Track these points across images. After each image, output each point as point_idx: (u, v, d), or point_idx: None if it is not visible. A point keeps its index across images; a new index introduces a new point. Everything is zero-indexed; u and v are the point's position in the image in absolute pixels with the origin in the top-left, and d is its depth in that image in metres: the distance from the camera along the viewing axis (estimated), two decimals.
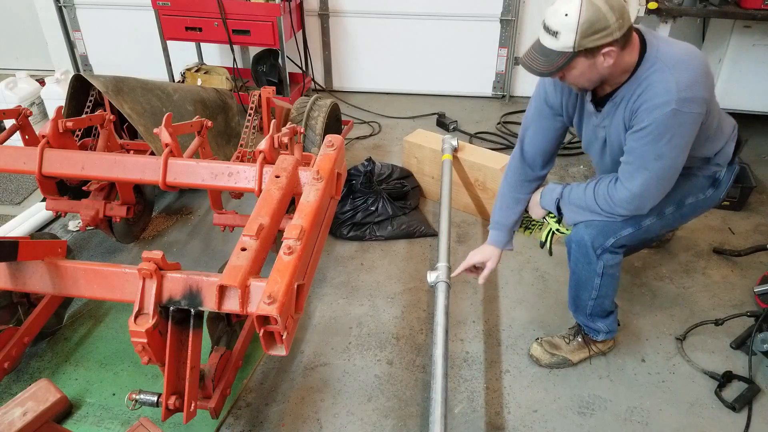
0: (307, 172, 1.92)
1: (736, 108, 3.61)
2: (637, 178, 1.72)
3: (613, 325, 2.11)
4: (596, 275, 1.92)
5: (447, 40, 4.40)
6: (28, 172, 2.11)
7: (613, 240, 1.87)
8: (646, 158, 1.69)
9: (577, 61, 1.61)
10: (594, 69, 1.64)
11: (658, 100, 1.61)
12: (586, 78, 1.68)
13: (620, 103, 1.77)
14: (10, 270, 1.70)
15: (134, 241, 2.86)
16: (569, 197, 1.92)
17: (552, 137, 2.03)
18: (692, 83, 1.60)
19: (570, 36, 1.55)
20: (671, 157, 1.68)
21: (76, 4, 4.54)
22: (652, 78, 1.64)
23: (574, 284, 2.01)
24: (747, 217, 3.04)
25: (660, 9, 3.08)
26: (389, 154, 3.73)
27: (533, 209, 2.09)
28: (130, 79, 2.72)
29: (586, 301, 2.01)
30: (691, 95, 1.59)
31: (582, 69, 1.64)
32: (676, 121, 1.61)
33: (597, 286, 1.94)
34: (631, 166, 1.74)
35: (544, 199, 2.00)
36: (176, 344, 1.60)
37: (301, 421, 1.96)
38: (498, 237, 2.11)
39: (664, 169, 1.70)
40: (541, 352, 2.14)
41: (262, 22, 3.73)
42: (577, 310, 2.09)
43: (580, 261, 1.92)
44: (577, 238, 1.90)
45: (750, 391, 2.02)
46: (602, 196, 1.81)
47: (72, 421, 1.95)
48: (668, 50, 1.67)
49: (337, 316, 2.41)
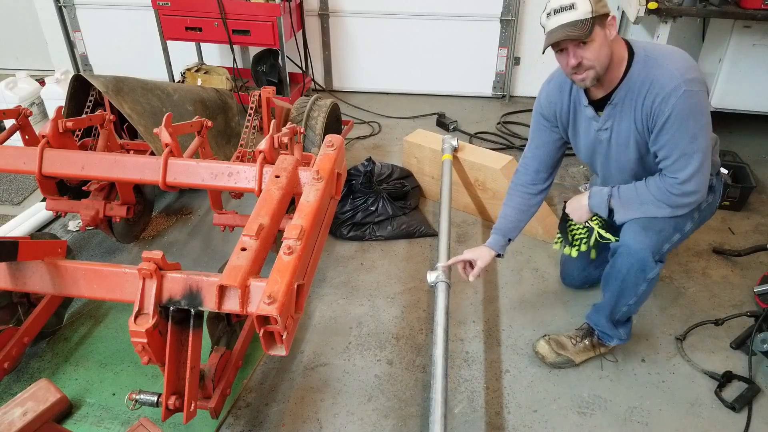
0: (307, 172, 1.92)
1: (736, 108, 3.62)
2: (682, 165, 1.75)
3: (630, 333, 2.12)
4: (644, 281, 1.90)
5: (447, 40, 4.40)
6: (28, 172, 2.11)
7: (668, 246, 1.88)
8: (682, 144, 1.73)
9: (596, 32, 1.68)
10: (606, 43, 1.71)
11: (669, 88, 1.69)
12: (605, 53, 1.72)
13: (624, 106, 1.80)
14: (10, 270, 1.70)
15: (134, 241, 2.86)
16: (620, 195, 1.91)
17: (552, 149, 2.11)
18: (688, 68, 1.71)
19: (586, 3, 1.65)
20: (703, 136, 1.73)
21: (76, 4, 4.54)
22: (652, 74, 1.72)
23: (618, 290, 1.96)
24: (747, 217, 3.04)
25: (660, 9, 3.08)
26: (389, 154, 3.73)
27: (576, 212, 2.08)
28: (130, 79, 2.72)
29: (622, 306, 1.99)
30: (693, 76, 1.69)
31: (600, 41, 1.70)
32: (692, 101, 1.68)
33: (641, 292, 1.93)
34: (670, 159, 1.76)
35: (593, 200, 1.98)
36: (176, 344, 1.60)
37: (301, 421, 1.96)
38: (494, 241, 2.17)
39: (701, 150, 1.74)
40: (548, 350, 2.13)
41: (262, 22, 3.73)
42: (606, 315, 2.04)
43: (633, 268, 1.88)
44: (634, 247, 1.85)
45: (750, 391, 2.02)
46: (655, 188, 1.82)
47: (72, 421, 1.95)
48: (655, 49, 1.78)
49: (337, 316, 2.41)
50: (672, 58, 1.73)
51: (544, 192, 2.18)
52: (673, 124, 1.71)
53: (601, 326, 2.09)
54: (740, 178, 3.14)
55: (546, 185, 2.17)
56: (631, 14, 3.25)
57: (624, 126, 1.84)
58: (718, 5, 3.15)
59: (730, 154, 3.38)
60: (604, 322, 2.07)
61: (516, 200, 2.17)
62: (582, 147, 2.03)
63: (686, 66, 1.71)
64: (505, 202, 2.20)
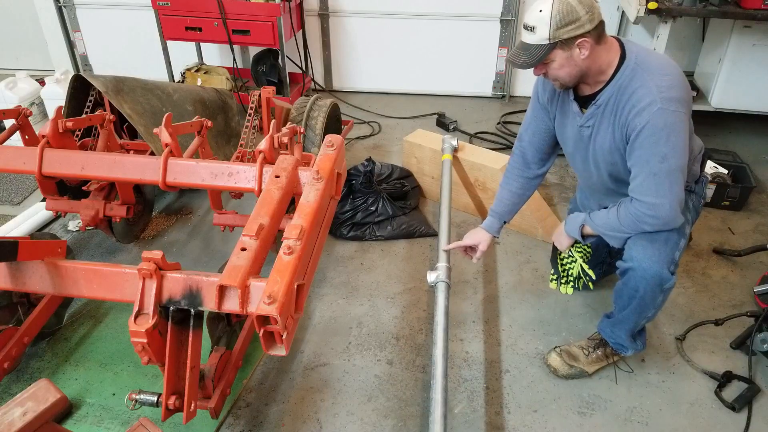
0: (307, 172, 1.91)
1: (736, 108, 3.62)
2: (649, 186, 1.72)
3: (645, 341, 2.10)
4: (661, 293, 1.86)
5: (447, 40, 4.40)
6: (28, 172, 2.11)
7: (679, 253, 1.85)
8: (652, 163, 1.70)
9: (555, 53, 1.70)
10: (572, 61, 1.72)
11: (644, 102, 1.68)
12: (566, 72, 1.75)
13: (605, 109, 1.80)
14: (10, 270, 1.70)
15: (134, 241, 2.86)
16: (594, 221, 1.91)
17: (548, 136, 2.10)
18: (671, 86, 1.69)
19: (545, 29, 1.66)
20: (674, 156, 1.69)
21: (76, 4, 4.54)
22: (634, 85, 1.72)
23: (638, 309, 1.90)
24: (747, 217, 3.04)
25: (660, 9, 3.08)
26: (389, 154, 3.73)
27: (558, 239, 2.09)
28: (130, 79, 2.72)
29: (641, 321, 1.96)
30: (672, 95, 1.67)
31: (561, 61, 1.72)
32: (666, 119, 1.66)
33: (659, 303, 1.90)
34: (639, 177, 1.74)
35: (568, 225, 2.00)
36: (176, 344, 1.60)
37: (301, 421, 1.96)
38: (491, 223, 2.21)
39: (670, 171, 1.70)
40: (559, 362, 2.10)
41: (262, 22, 3.72)
42: (627, 330, 2.01)
43: (650, 285, 1.83)
44: (646, 263, 1.80)
45: (750, 391, 2.02)
46: (624, 216, 1.80)
47: (72, 421, 1.95)
48: (646, 58, 1.75)
49: (337, 316, 2.41)
50: (657, 73, 1.70)
51: (541, 177, 2.19)
52: (645, 139, 1.69)
53: (619, 339, 2.04)
54: (740, 178, 3.14)
55: (543, 170, 2.17)
56: (631, 14, 3.25)
57: (603, 129, 1.83)
58: (718, 5, 3.15)
59: (730, 154, 3.38)
60: (623, 336, 2.02)
61: (513, 184, 2.19)
62: (567, 139, 2.03)
63: (669, 84, 1.68)
64: (502, 185, 2.22)
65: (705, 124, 3.81)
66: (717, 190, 3.04)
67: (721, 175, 3.10)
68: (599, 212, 1.92)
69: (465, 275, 2.62)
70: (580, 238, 1.98)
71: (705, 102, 3.66)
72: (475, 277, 2.62)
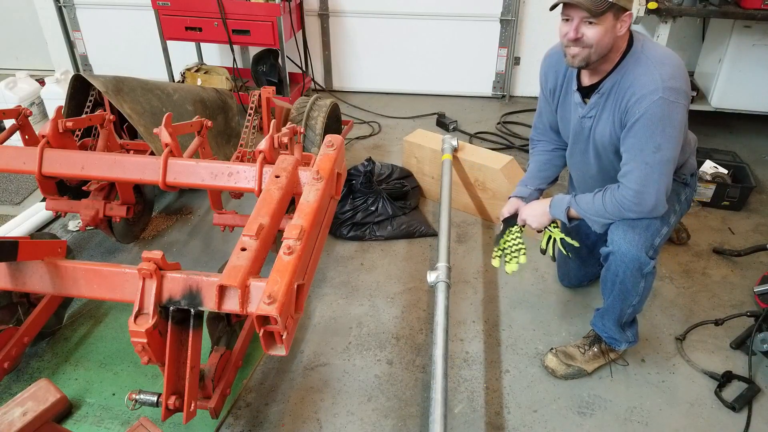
0: (307, 172, 1.92)
1: (736, 108, 3.61)
2: (639, 175, 1.74)
3: (637, 334, 2.11)
4: (642, 278, 1.88)
5: (447, 40, 4.40)
6: (28, 172, 2.11)
7: (659, 240, 1.87)
8: (646, 151, 1.71)
9: (607, 18, 1.68)
10: (612, 33, 1.71)
11: (646, 90, 1.68)
12: (605, 43, 1.72)
13: (608, 97, 1.81)
14: (10, 270, 1.70)
15: (134, 241, 2.86)
16: (579, 205, 1.92)
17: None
18: (674, 76, 1.69)
19: None
20: (668, 148, 1.71)
21: (76, 4, 4.54)
22: (638, 72, 1.73)
23: (620, 293, 1.93)
24: (747, 217, 3.04)
25: (660, 9, 3.09)
26: (389, 154, 3.73)
27: (536, 219, 2.06)
28: (130, 79, 2.72)
29: (627, 308, 1.97)
30: (674, 85, 1.68)
31: (607, 27, 1.69)
32: (666, 110, 1.67)
33: (641, 290, 1.91)
34: (631, 164, 1.75)
35: (553, 208, 2.00)
36: (176, 344, 1.60)
37: (301, 421, 1.96)
38: (522, 191, 2.19)
39: (663, 162, 1.72)
40: (556, 363, 2.11)
41: (262, 22, 3.73)
42: (614, 319, 2.02)
43: (629, 268, 1.86)
44: (625, 247, 1.83)
45: (750, 391, 2.02)
46: (609, 201, 1.82)
47: (72, 421, 1.95)
48: (652, 48, 1.78)
49: (337, 316, 2.41)
50: (662, 63, 1.71)
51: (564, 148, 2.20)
52: (641, 128, 1.70)
53: (610, 331, 2.06)
54: (740, 178, 3.14)
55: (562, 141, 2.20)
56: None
57: (604, 118, 1.84)
58: (718, 5, 3.15)
59: (730, 154, 3.38)
60: (612, 326, 2.04)
61: (536, 156, 2.24)
62: (567, 132, 2.04)
63: (672, 74, 1.69)
64: (532, 161, 2.27)
65: (705, 124, 3.81)
66: (717, 190, 3.04)
67: (721, 175, 3.10)
68: (584, 196, 1.92)
69: (465, 275, 2.63)
70: (566, 221, 1.98)
71: (705, 102, 3.66)
72: (475, 277, 2.62)
